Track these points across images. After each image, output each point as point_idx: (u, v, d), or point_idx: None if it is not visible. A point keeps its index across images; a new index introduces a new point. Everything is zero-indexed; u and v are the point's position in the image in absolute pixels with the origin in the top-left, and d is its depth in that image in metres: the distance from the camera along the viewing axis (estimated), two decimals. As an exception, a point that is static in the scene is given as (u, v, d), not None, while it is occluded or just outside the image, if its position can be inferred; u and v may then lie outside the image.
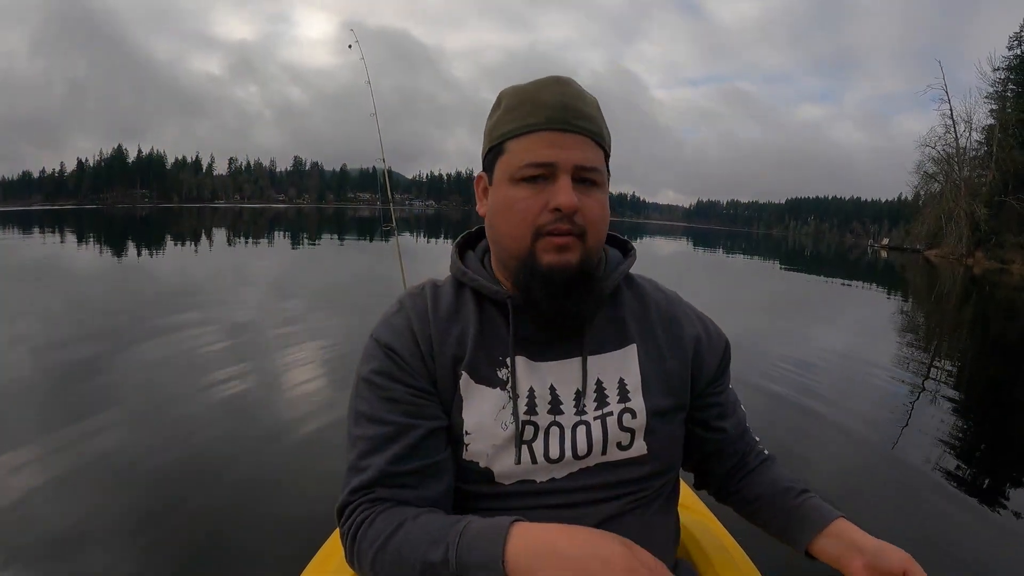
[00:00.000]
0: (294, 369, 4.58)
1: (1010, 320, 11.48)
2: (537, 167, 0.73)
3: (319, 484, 2.64)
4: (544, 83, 0.77)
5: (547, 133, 0.74)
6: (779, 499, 0.87)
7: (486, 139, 0.80)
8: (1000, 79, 38.94)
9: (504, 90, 0.81)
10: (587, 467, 0.78)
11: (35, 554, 2.09)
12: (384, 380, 0.77)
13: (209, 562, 2.10)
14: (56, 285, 8.68)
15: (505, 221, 0.76)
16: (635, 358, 0.82)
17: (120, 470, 2.73)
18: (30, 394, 3.79)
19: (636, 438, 0.80)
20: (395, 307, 0.84)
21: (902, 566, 0.70)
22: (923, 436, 3.75)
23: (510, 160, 0.76)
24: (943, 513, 2.76)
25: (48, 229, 24.41)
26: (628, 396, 0.81)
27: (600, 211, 0.76)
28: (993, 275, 25.57)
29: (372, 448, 0.74)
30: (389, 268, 4.22)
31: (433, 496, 0.75)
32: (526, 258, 0.75)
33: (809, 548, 0.81)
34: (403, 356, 0.77)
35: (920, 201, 44.74)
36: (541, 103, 0.74)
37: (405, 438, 0.74)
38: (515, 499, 0.77)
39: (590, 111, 0.76)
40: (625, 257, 0.89)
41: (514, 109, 0.76)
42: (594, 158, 0.75)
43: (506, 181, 0.76)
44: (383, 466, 0.73)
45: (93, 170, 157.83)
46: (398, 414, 0.75)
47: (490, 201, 0.80)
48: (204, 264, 13.04)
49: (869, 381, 5.18)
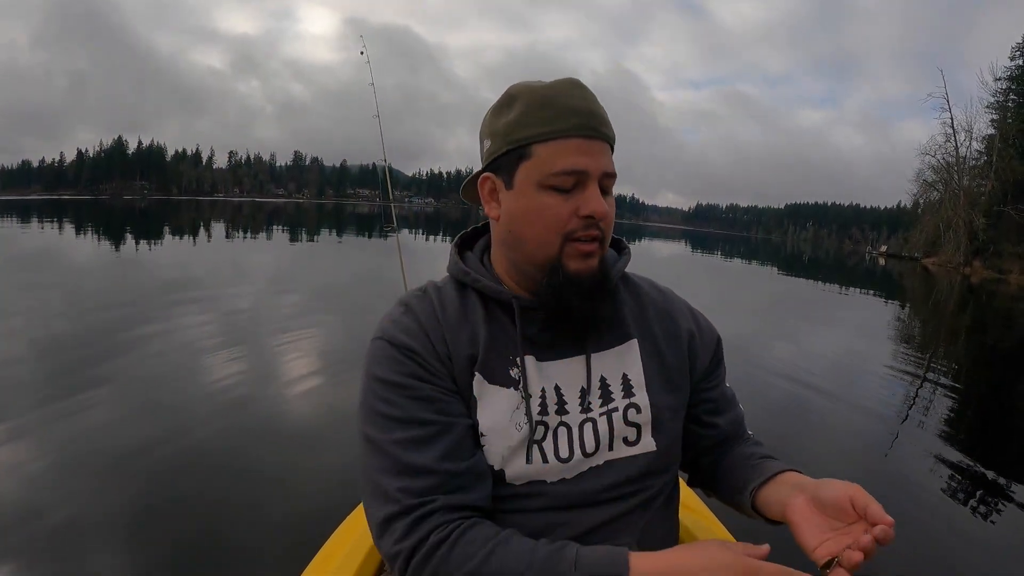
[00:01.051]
0: (294, 366, 4.57)
1: (1007, 329, 11.51)
2: (571, 175, 0.73)
3: (320, 482, 2.64)
4: (563, 86, 0.76)
5: (577, 140, 0.73)
6: (738, 464, 0.86)
7: (498, 139, 0.77)
8: (1001, 89, 38.97)
9: (515, 88, 0.78)
10: (596, 466, 0.78)
11: (33, 548, 2.08)
12: (412, 380, 0.74)
13: (209, 562, 2.08)
14: (54, 275, 8.65)
15: (532, 227, 0.75)
16: (636, 353, 0.83)
17: (117, 466, 2.72)
18: (26, 383, 3.78)
19: (643, 433, 0.81)
20: (401, 308, 0.81)
21: (847, 493, 0.64)
22: (919, 439, 3.76)
23: (538, 165, 0.74)
24: (939, 514, 2.78)
25: (47, 219, 24.34)
26: (632, 391, 0.81)
27: (614, 215, 0.78)
28: (990, 284, 25.62)
29: (417, 449, 0.71)
30: (390, 268, 4.18)
31: (486, 498, 0.73)
32: (554, 264, 0.75)
33: (754, 501, 0.78)
34: (424, 357, 0.75)
35: (919, 209, 44.78)
36: (568, 108, 0.74)
37: (449, 435, 0.72)
38: (525, 500, 0.76)
39: (607, 117, 0.77)
40: (620, 255, 0.90)
41: (538, 111, 0.74)
42: (613, 164, 0.77)
43: (533, 186, 0.75)
44: (436, 466, 0.70)
45: (93, 161, 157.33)
46: (435, 413, 0.73)
47: (510, 206, 0.77)
48: (196, 258, 13.01)
49: (866, 385, 5.19)
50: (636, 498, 0.80)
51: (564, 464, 0.77)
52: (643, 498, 0.80)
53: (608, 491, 0.78)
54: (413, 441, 0.71)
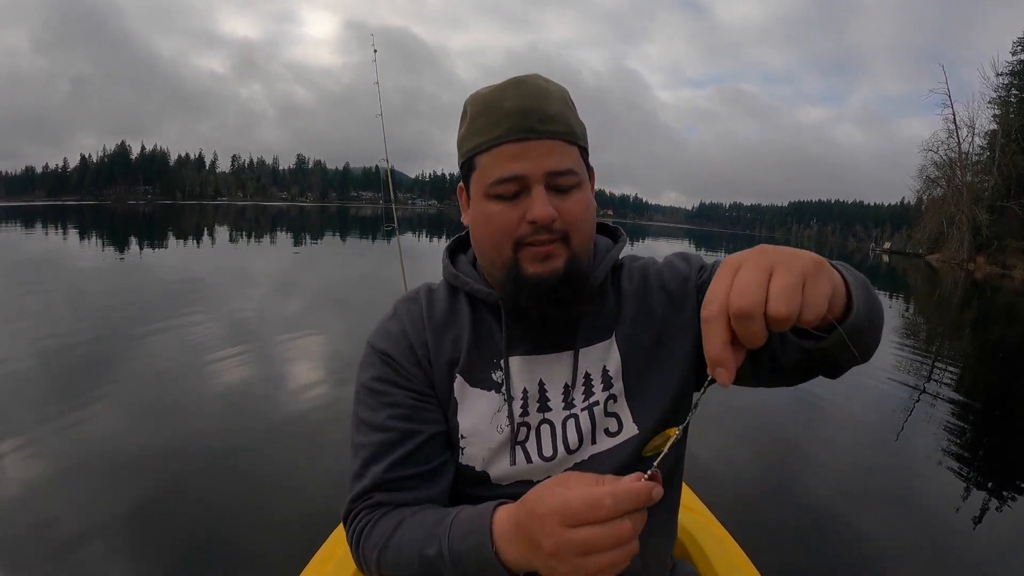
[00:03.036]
0: (296, 368, 4.60)
1: (1010, 324, 11.47)
2: (506, 182, 0.71)
3: (320, 482, 2.66)
4: (503, 88, 0.73)
5: (511, 145, 0.70)
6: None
7: (458, 153, 0.79)
8: (1004, 84, 38.86)
9: (469, 98, 0.78)
10: (581, 461, 0.78)
11: (34, 549, 2.10)
12: (384, 386, 0.78)
13: (209, 561, 2.11)
14: (57, 279, 8.70)
15: (485, 235, 0.76)
16: (615, 344, 0.81)
17: (117, 467, 2.74)
18: (29, 388, 3.81)
19: (623, 420, 0.79)
20: (390, 313, 0.85)
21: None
22: (919, 443, 3.76)
23: (481, 176, 0.74)
24: (942, 510, 2.79)
25: (51, 225, 24.44)
26: (611, 383, 0.80)
27: (581, 210, 0.74)
28: (994, 280, 25.54)
29: (373, 456, 0.75)
30: (392, 270, 4.22)
31: (431, 496, 0.76)
32: (511, 269, 0.74)
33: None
34: (400, 362, 0.79)
35: (922, 205, 44.65)
36: (502, 112, 0.71)
37: (407, 444, 0.75)
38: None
39: (556, 109, 0.72)
40: (615, 243, 0.88)
41: (477, 120, 0.74)
42: (566, 160, 0.72)
43: (481, 197, 0.75)
44: (381, 473, 0.74)
45: (96, 166, 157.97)
46: (400, 420, 0.76)
47: (471, 215, 0.79)
48: (204, 263, 13.06)
49: (870, 381, 5.18)
50: None
51: (548, 463, 0.77)
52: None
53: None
54: (372, 446, 0.75)
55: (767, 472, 3.24)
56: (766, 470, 3.26)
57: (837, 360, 0.66)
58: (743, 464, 3.31)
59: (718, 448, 3.42)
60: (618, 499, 0.52)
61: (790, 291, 0.48)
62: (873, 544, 2.45)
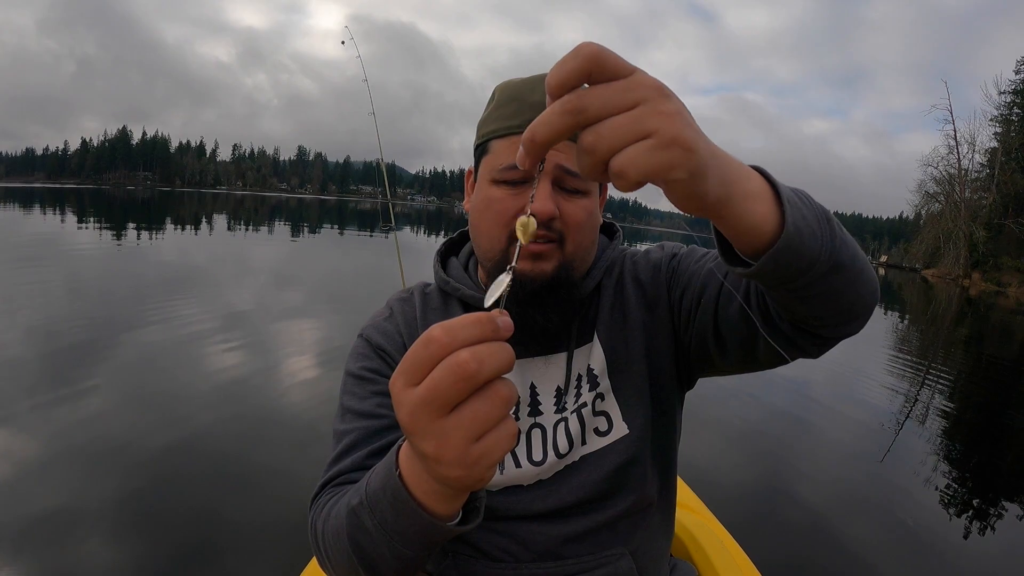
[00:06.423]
0: (293, 364, 4.59)
1: (1004, 342, 11.52)
2: (515, 169, 0.70)
3: (316, 476, 2.65)
4: (533, 82, 0.73)
5: None
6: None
7: (476, 133, 0.79)
8: (1006, 103, 39.01)
9: (500, 84, 0.79)
10: (572, 463, 0.77)
11: (27, 547, 2.05)
12: (374, 375, 0.78)
13: (209, 560, 2.08)
14: (52, 263, 8.66)
15: (482, 219, 0.76)
16: (599, 344, 0.81)
17: (105, 455, 2.72)
18: (19, 375, 3.78)
19: (613, 419, 0.78)
20: (385, 311, 0.85)
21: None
22: (912, 450, 3.79)
23: (492, 160, 0.74)
24: (928, 523, 2.80)
25: (50, 207, 24.31)
26: (597, 381, 0.79)
27: (584, 217, 0.73)
28: (989, 297, 25.63)
29: (354, 442, 0.73)
30: (390, 266, 4.20)
31: None
32: (500, 260, 0.74)
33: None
34: (394, 357, 0.79)
35: (920, 220, 44.79)
36: (527, 104, 0.71)
37: (391, 432, 0.73)
38: (503, 507, 0.76)
39: None
40: (611, 241, 0.88)
41: (502, 107, 0.74)
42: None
43: (487, 180, 0.75)
44: (362, 460, 0.71)
45: (97, 150, 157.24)
46: (387, 408, 0.75)
47: (473, 198, 0.79)
48: (198, 250, 13.00)
49: (862, 393, 5.21)
50: (623, 499, 0.77)
51: (538, 467, 0.77)
52: (632, 500, 0.78)
53: (592, 488, 0.76)
54: (358, 431, 0.73)
55: (767, 472, 3.26)
56: (766, 470, 3.28)
57: (795, 314, 0.57)
58: (743, 464, 3.32)
59: (718, 448, 3.44)
60: (449, 327, 0.38)
61: (557, 117, 0.38)
62: (873, 544, 2.48)
